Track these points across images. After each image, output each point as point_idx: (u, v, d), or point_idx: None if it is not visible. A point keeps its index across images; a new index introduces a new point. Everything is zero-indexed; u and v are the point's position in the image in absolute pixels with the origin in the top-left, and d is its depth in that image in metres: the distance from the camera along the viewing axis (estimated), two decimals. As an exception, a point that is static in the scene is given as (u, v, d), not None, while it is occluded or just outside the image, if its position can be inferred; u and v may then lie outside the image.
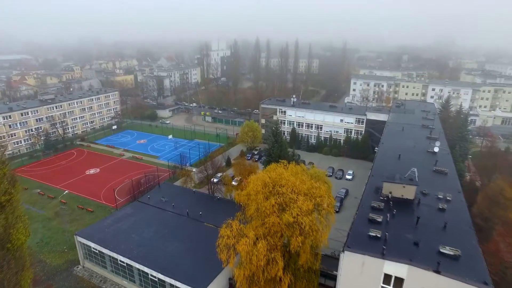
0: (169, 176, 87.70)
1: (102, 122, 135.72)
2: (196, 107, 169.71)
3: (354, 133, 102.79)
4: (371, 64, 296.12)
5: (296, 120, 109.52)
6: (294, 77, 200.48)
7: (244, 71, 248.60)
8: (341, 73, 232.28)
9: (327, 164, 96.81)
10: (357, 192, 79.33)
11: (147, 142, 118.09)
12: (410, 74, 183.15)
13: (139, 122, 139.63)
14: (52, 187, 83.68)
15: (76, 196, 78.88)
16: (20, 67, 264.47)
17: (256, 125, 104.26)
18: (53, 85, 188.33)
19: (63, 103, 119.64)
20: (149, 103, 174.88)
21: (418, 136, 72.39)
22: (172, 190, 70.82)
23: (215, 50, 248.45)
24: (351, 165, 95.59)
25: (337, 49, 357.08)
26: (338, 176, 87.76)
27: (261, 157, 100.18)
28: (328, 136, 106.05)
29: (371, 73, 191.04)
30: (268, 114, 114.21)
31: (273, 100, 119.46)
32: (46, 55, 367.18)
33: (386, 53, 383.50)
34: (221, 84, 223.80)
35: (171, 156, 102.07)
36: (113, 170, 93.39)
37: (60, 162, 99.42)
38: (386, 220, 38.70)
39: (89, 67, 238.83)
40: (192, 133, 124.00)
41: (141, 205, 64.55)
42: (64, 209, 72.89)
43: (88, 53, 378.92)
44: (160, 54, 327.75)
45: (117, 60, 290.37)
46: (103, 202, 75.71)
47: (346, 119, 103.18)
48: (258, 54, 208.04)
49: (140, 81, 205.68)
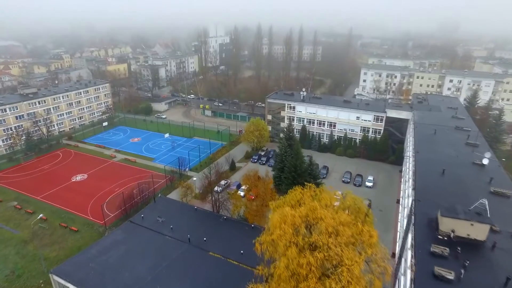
0: (166, 184, 77.35)
1: (92, 117, 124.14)
2: (194, 99, 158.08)
3: (372, 132, 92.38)
4: (375, 51, 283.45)
5: (307, 117, 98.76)
6: (298, 65, 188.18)
7: (244, 58, 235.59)
8: (346, 61, 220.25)
9: (342, 166, 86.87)
10: (381, 203, 69.82)
11: (141, 140, 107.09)
12: (423, 63, 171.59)
13: (133, 117, 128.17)
14: (31, 198, 73.08)
15: (59, 210, 68.46)
16: (6, 54, 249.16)
17: (262, 123, 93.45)
18: (40, 75, 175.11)
19: (47, 97, 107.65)
20: (143, 94, 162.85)
21: (456, 142, 62.12)
22: (169, 206, 60.51)
23: (213, 36, 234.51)
24: (369, 169, 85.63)
25: (339, 35, 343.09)
26: (357, 183, 77.76)
27: (268, 159, 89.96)
28: (342, 135, 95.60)
29: (380, 62, 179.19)
30: (275, 109, 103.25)
31: (280, 94, 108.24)
32: (35, 42, 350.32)
33: (390, 40, 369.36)
34: (220, 73, 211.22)
35: (168, 158, 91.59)
36: (103, 176, 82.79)
37: (43, 166, 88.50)
38: (459, 278, 28.75)
39: (79, 55, 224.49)
40: (191, 129, 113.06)
41: (134, 227, 54.30)
42: (44, 227, 62.61)
43: (80, 39, 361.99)
44: (155, 41, 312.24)
45: (110, 47, 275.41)
46: (90, 218, 65.39)
47: (363, 116, 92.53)
48: (259, 41, 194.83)
49: (133, 70, 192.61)
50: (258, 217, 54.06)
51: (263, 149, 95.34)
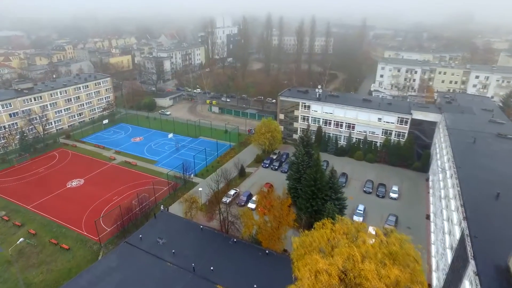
0: (169, 192, 70.23)
1: (93, 114, 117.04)
2: (200, 94, 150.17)
3: (395, 135, 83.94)
4: (389, 43, 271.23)
5: (323, 117, 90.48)
6: (310, 58, 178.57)
7: (252, 50, 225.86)
8: (360, 54, 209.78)
9: (361, 173, 78.90)
10: (408, 218, 61.95)
11: (144, 140, 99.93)
12: (443, 57, 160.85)
13: (135, 113, 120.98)
14: (22, 207, 66.53)
15: (50, 222, 61.82)
16: (8, 45, 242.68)
17: (275, 124, 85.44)
18: (40, 67, 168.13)
19: (44, 93, 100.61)
20: (147, 88, 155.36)
21: (503, 154, 53.71)
22: (172, 223, 53.40)
23: (220, 27, 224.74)
24: (392, 176, 77.53)
25: (350, 27, 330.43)
26: (380, 194, 69.75)
27: (281, 163, 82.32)
28: (361, 137, 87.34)
29: (397, 55, 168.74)
30: (288, 108, 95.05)
31: (294, 91, 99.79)
32: (39, 32, 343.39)
33: (403, 31, 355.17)
34: (227, 65, 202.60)
35: (171, 161, 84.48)
36: (101, 181, 75.93)
37: (37, 169, 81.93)
38: None
39: (82, 47, 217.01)
40: (197, 128, 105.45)
41: (130, 250, 47.38)
42: (32, 244, 56.04)
43: (84, 29, 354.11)
44: (161, 31, 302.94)
45: (114, 38, 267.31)
46: (84, 233, 58.63)
47: (385, 117, 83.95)
48: (269, 32, 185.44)
49: (137, 62, 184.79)
50: (273, 241, 46.66)
51: (275, 152, 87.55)
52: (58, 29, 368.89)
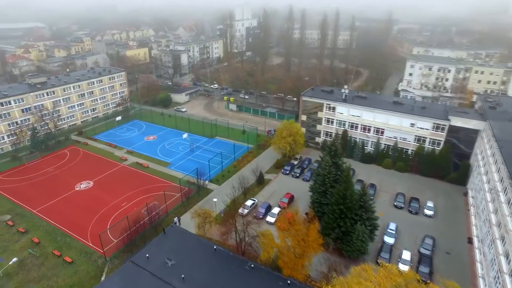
0: (181, 200, 65.25)
1: (106, 109, 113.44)
2: (217, 89, 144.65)
3: (429, 143, 75.96)
4: (416, 38, 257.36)
5: (349, 120, 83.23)
6: (333, 53, 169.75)
7: (271, 44, 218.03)
8: (385, 50, 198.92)
9: (391, 184, 71.70)
10: (447, 241, 54.65)
11: (157, 139, 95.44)
12: (478, 54, 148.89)
13: (149, 109, 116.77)
14: (27, 211, 63.09)
15: (55, 229, 58.00)
16: (29, 37, 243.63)
17: (297, 127, 78.91)
18: (58, 59, 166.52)
19: (56, 88, 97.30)
20: (163, 82, 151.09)
21: None
22: (182, 241, 48.11)
23: (239, 19, 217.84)
24: (425, 188, 69.98)
25: (373, 20, 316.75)
26: (414, 210, 62.47)
27: (303, 170, 76.01)
28: (391, 143, 79.75)
29: (427, 52, 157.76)
30: (311, 109, 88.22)
31: (317, 90, 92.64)
32: (59, 24, 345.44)
33: (430, 25, 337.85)
34: (246, 59, 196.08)
35: (185, 164, 79.69)
36: (110, 184, 71.77)
37: (47, 168, 78.64)
38: None
39: (100, 39, 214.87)
40: (213, 127, 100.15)
41: (136, 272, 42.39)
42: (34, 254, 52.22)
43: (103, 21, 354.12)
44: (179, 23, 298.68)
45: (132, 30, 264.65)
46: (89, 244, 54.41)
47: (419, 123, 75.98)
48: (291, 25, 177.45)
49: (154, 56, 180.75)
50: (296, 269, 40.75)
51: (296, 157, 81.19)
52: (79, 20, 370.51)
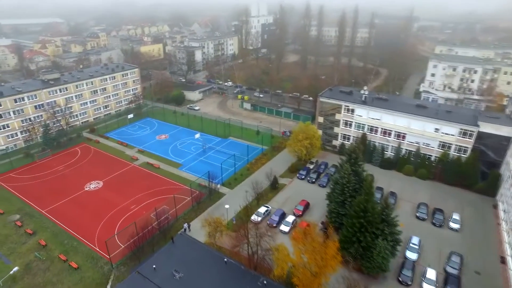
0: (192, 204, 62.90)
1: (119, 106, 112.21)
2: (232, 87, 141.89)
3: (455, 149, 71.30)
4: (438, 36, 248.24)
5: (368, 123, 79.16)
6: (351, 51, 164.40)
7: (287, 41, 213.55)
8: (404, 48, 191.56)
9: (412, 192, 67.66)
10: (476, 259, 50.48)
11: (169, 138, 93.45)
12: (507, 54, 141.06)
13: (162, 107, 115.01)
14: (36, 211, 61.91)
15: (62, 231, 56.52)
16: (47, 32, 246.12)
17: (313, 129, 75.38)
18: (74, 54, 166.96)
19: (69, 84, 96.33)
20: (177, 79, 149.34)
21: None
22: (191, 251, 45.62)
23: (255, 16, 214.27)
24: (449, 198, 65.63)
25: (391, 17, 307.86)
26: (437, 222, 58.28)
27: (319, 175, 72.57)
28: (413, 149, 75.35)
29: (450, 51, 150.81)
30: (328, 110, 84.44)
31: (336, 91, 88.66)
32: (77, 19, 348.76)
33: (452, 23, 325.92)
34: (261, 56, 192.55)
35: (197, 165, 77.46)
36: (120, 185, 70.03)
37: (57, 167, 77.60)
38: None
39: (115, 34, 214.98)
40: (226, 127, 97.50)
41: (142, 283, 40.14)
42: (40, 258, 50.75)
43: (120, 16, 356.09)
44: (194, 19, 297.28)
45: (147, 25, 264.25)
46: (96, 249, 52.63)
47: (444, 128, 71.35)
48: (308, 22, 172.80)
49: (168, 52, 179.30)
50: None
51: (312, 161, 77.73)
52: (96, 15, 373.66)
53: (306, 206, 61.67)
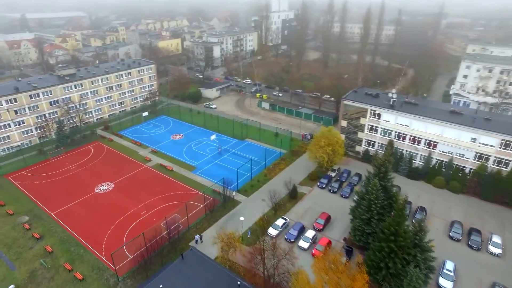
0: (205, 212, 59.34)
1: (134, 103, 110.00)
2: (250, 85, 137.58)
3: (494, 162, 64.74)
4: (468, 34, 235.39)
5: (396, 129, 73.33)
6: (376, 49, 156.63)
7: (308, 37, 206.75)
8: (431, 47, 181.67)
9: (443, 206, 61.95)
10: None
11: (184, 138, 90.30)
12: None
13: (178, 104, 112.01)
14: (45, 213, 59.88)
15: (69, 237, 54.10)
16: (69, 26, 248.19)
17: (337, 135, 70.25)
18: (92, 49, 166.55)
19: (84, 80, 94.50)
20: (194, 75, 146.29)
21: None
22: (201, 270, 42.02)
23: (275, 11, 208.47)
24: (488, 217, 59.44)
25: (417, 13, 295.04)
26: (475, 245, 52.31)
27: (341, 184, 67.62)
28: (445, 159, 69.15)
29: (485, 50, 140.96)
30: (352, 114, 79.00)
31: (361, 93, 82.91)
32: (99, 13, 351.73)
33: (484, 19, 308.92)
34: (281, 53, 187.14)
35: (211, 169, 73.92)
36: (131, 188, 67.24)
37: (69, 166, 75.71)
38: None
39: (134, 28, 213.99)
40: (243, 128, 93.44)
41: (147, 305, 36.99)
42: (46, 266, 48.37)
43: (141, 10, 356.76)
44: (214, 14, 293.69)
45: (166, 19, 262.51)
46: (103, 259, 49.80)
47: (482, 138, 64.86)
48: (331, 18, 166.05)
49: (186, 47, 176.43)
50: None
51: (333, 168, 72.74)
52: (118, 9, 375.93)
53: (327, 219, 57.00)
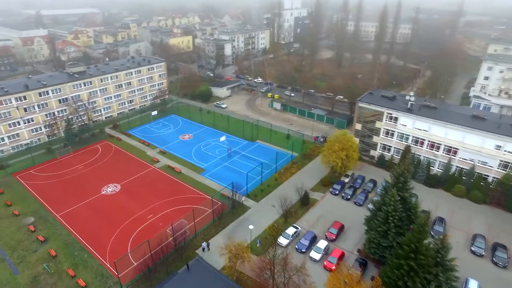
0: (213, 218, 57.30)
1: (144, 101, 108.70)
2: (261, 84, 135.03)
3: (520, 171, 60.95)
4: (488, 33, 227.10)
5: (414, 134, 69.93)
6: (391, 48, 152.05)
7: (321, 35, 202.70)
8: (449, 46, 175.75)
9: (464, 217, 58.64)
10: None
11: (193, 138, 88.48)
12: None
13: (188, 103, 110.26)
14: (51, 215, 58.75)
15: (74, 241, 52.75)
16: (81, 22, 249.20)
17: (351, 139, 67.18)
18: (103, 45, 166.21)
19: (94, 78, 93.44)
20: (205, 73, 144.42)
21: None
22: (208, 282, 39.96)
23: (288, 9, 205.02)
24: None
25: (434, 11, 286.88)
26: (500, 263, 48.77)
27: (355, 191, 64.75)
28: (466, 167, 65.54)
29: (507, 50, 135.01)
30: (368, 117, 75.80)
31: (377, 95, 79.48)
32: (112, 9, 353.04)
33: (505, 17, 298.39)
34: (293, 52, 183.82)
35: (220, 171, 71.99)
36: (138, 190, 65.70)
37: (77, 166, 74.67)
38: None
39: (145, 25, 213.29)
40: (254, 129, 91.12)
41: (149, 320, 35.11)
42: (49, 271, 47.07)
43: (153, 6, 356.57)
44: (226, 11, 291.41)
45: (178, 16, 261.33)
46: (106, 265, 48.23)
47: (508, 145, 61.08)
48: (345, 16, 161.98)
49: (197, 45, 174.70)
50: None
51: (347, 173, 69.83)
52: (130, 6, 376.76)
53: (340, 229, 54.31)
